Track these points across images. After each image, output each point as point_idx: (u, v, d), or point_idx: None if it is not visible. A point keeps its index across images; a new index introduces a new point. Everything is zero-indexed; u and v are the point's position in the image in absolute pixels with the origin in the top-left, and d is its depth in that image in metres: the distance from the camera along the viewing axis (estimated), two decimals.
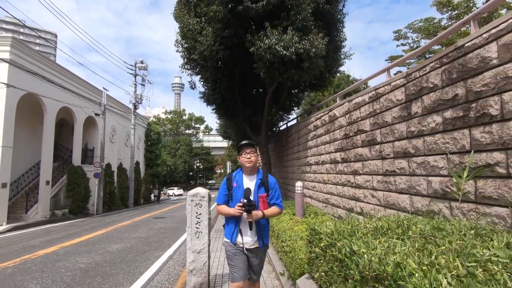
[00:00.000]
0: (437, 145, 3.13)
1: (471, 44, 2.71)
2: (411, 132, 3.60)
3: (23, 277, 5.10)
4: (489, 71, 2.52)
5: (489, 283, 1.26)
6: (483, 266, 1.44)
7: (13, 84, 12.25)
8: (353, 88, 7.13)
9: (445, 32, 3.45)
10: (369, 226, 2.56)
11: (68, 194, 16.20)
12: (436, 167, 3.16)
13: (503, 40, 2.39)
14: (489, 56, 2.52)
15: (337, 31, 9.24)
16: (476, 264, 1.46)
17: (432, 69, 3.23)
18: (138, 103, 24.53)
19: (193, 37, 8.75)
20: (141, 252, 6.90)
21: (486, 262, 1.47)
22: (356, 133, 5.22)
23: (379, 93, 4.42)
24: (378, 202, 4.41)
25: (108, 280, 4.82)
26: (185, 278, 4.45)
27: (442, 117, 3.07)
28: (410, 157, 3.63)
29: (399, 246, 1.85)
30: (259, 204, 2.46)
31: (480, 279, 1.31)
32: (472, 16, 2.92)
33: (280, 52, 7.11)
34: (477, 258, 1.53)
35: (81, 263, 5.96)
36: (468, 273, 1.39)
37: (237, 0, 7.39)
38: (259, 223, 2.48)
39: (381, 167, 4.33)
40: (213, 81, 10.02)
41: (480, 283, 1.27)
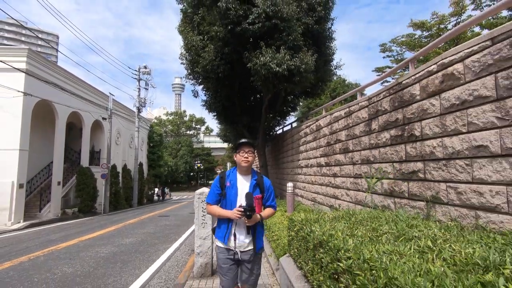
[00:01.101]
0: (387, 155, 4.11)
1: (405, 82, 3.69)
2: (371, 144, 4.58)
3: (55, 263, 6.08)
4: (414, 103, 3.50)
5: (376, 241, 2.22)
6: (380, 236, 2.40)
7: (29, 92, 13.24)
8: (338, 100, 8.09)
9: (394, 68, 4.43)
10: (330, 216, 3.53)
11: (77, 194, 17.20)
12: (386, 172, 4.14)
13: (422, 83, 3.37)
14: (415, 93, 3.49)
15: (326, 47, 10.22)
16: (378, 235, 2.42)
17: (384, 96, 4.21)
18: (142, 107, 25.54)
19: (197, 52, 9.74)
20: (151, 244, 7.86)
21: (382, 234, 2.43)
22: (335, 141, 6.20)
23: (351, 110, 5.40)
24: (350, 199, 5.39)
25: (128, 265, 5.80)
26: (191, 264, 5.45)
27: (389, 134, 4.05)
28: (371, 163, 4.61)
29: (338, 226, 2.82)
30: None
31: (374, 240, 2.28)
32: (410, 59, 3.90)
33: (274, 69, 8.10)
34: (380, 232, 2.49)
35: (101, 253, 6.93)
36: (370, 239, 2.35)
37: (236, 22, 8.38)
38: (256, 226, 2.41)
39: (352, 171, 5.30)
40: (214, 91, 11.02)
41: (372, 242, 2.24)
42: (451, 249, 1.85)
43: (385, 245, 2.01)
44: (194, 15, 9.88)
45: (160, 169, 33.48)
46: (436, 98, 3.14)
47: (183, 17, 10.79)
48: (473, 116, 2.65)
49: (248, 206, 2.24)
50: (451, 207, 2.92)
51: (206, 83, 10.91)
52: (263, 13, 7.95)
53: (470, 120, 2.68)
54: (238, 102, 11.33)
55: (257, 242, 2.42)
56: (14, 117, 12.87)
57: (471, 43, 2.68)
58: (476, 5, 11.12)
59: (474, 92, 2.63)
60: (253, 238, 2.39)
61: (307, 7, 8.66)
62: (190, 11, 9.99)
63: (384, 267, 1.59)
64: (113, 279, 4.92)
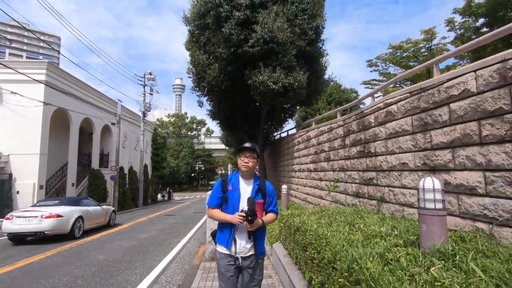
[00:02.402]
0: (355, 165, 5.37)
1: (366, 112, 4.95)
2: (345, 156, 5.83)
3: (89, 252, 7.34)
4: (371, 128, 4.76)
5: (330, 226, 3.45)
6: (335, 222, 3.64)
7: (48, 101, 14.50)
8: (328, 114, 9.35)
9: (360, 98, 5.70)
10: (310, 211, 4.78)
11: (89, 194, 18.45)
12: (355, 178, 5.39)
13: (375, 114, 4.63)
14: (371, 121, 4.76)
15: (317, 65, 11.48)
16: (334, 222, 3.67)
17: (353, 120, 5.47)
18: (147, 111, 26.81)
19: (203, 69, 11.01)
20: (164, 239, 9.11)
21: (337, 222, 3.67)
22: (321, 151, 7.46)
23: (332, 127, 6.67)
24: (331, 199, 6.66)
25: (149, 254, 7.05)
26: (202, 252, 6.70)
27: (356, 149, 5.31)
28: (345, 171, 5.87)
29: (312, 217, 4.07)
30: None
31: (329, 225, 3.53)
32: (370, 93, 5.16)
33: (271, 86, 9.37)
34: (337, 221, 3.73)
35: (123, 245, 8.18)
36: (328, 224, 3.60)
37: (237, 45, 9.64)
38: (257, 231, 2.37)
39: (332, 176, 6.56)
40: (218, 102, 12.29)
41: (327, 226, 3.47)
42: (371, 229, 3.10)
43: (333, 227, 3.27)
44: (201, 36, 11.15)
45: (163, 170, 34.75)
46: (383, 126, 4.40)
47: (190, 37, 12.06)
48: (401, 142, 3.91)
49: (250, 211, 2.21)
50: (390, 204, 4.18)
51: (210, 95, 12.18)
52: (261, 38, 9.21)
53: (399, 145, 3.94)
54: (239, 112, 12.59)
55: (258, 247, 2.37)
56: (35, 124, 14.14)
57: (400, 93, 3.95)
58: (451, 27, 12.41)
59: (402, 126, 3.89)
60: (255, 243, 2.35)
61: (300, 32, 9.91)
62: (197, 32, 11.26)
63: (327, 238, 2.84)
64: (140, 263, 6.18)
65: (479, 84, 2.67)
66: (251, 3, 9.37)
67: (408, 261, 2.02)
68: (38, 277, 5.35)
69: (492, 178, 2.55)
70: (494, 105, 2.51)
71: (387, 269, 1.89)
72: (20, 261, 6.47)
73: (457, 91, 2.93)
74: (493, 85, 2.52)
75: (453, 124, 2.96)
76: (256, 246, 2.36)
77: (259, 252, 2.39)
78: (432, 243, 2.22)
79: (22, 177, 13.66)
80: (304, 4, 9.94)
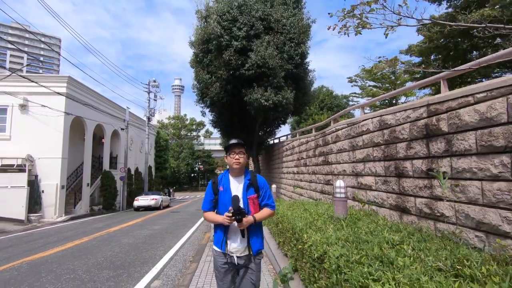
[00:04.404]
0: (320, 170, 7.35)
1: (327, 132, 6.93)
2: (316, 163, 7.82)
3: (117, 238, 9.29)
4: (329, 145, 6.74)
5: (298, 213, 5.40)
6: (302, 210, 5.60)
7: (67, 111, 16.42)
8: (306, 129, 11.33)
9: (329, 119, 7.70)
10: (287, 203, 6.74)
11: (101, 194, 20.41)
12: (320, 180, 7.37)
13: (331, 135, 6.60)
14: (329, 139, 6.74)
15: (303, 83, 13.49)
16: (302, 210, 5.63)
17: (320, 137, 7.46)
18: (151, 116, 28.76)
19: (206, 86, 13.00)
20: (174, 229, 11.04)
21: (303, 210, 5.63)
22: (301, 158, 9.45)
23: (308, 140, 8.66)
24: (308, 196, 8.64)
25: (165, 239, 9.00)
26: (208, 236, 8.63)
27: (321, 159, 7.29)
28: (316, 174, 7.85)
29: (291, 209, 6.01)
30: (249, 206, 2.28)
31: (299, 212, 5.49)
32: (332, 118, 7.14)
33: (263, 103, 11.35)
34: (304, 209, 5.69)
35: (143, 233, 10.13)
36: (299, 212, 5.56)
37: (235, 68, 11.63)
38: (250, 227, 2.27)
39: (309, 178, 8.54)
40: (219, 114, 14.29)
41: (298, 214, 5.42)
42: (316, 211, 5.06)
43: (294, 211, 5.24)
44: (204, 58, 13.13)
45: (166, 171, 36.68)
46: (335, 144, 6.38)
47: (194, 57, 14.03)
48: (343, 156, 5.89)
49: (236, 209, 2.15)
50: None
51: (212, 108, 14.17)
52: (255, 63, 11.20)
53: (342, 158, 5.92)
54: (237, 122, 14.59)
55: (252, 245, 2.30)
56: (57, 132, 16.07)
57: (343, 123, 5.94)
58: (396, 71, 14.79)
59: (343, 145, 5.88)
60: (248, 241, 2.29)
61: (287, 57, 11.91)
62: (201, 55, 13.24)
63: (287, 217, 4.80)
64: (160, 245, 8.14)
65: (372, 126, 4.66)
66: (247, 35, 11.35)
67: (322, 223, 3.99)
68: (87, 253, 7.31)
69: (377, 180, 4.54)
70: (378, 139, 4.50)
71: (308, 226, 3.86)
72: (68, 243, 8.44)
73: (365, 128, 4.92)
74: (376, 128, 4.51)
75: (363, 148, 4.96)
76: (249, 244, 2.28)
77: (254, 249, 2.30)
78: (337, 215, 4.20)
79: (46, 178, 15.56)
80: (291, 34, 11.93)
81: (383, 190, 4.38)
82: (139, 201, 19.53)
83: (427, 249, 2.53)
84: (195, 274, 4.92)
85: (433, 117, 3.25)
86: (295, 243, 3.85)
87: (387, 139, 4.23)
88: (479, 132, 2.63)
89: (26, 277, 5.30)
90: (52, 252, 7.32)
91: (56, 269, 5.74)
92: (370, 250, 2.50)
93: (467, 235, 2.78)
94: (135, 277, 5.17)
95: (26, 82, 15.34)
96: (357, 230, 3.38)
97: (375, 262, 2.24)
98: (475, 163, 2.68)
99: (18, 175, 14.50)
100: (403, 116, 3.84)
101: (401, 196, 3.89)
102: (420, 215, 3.50)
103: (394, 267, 2.13)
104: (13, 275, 5.41)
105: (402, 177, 3.86)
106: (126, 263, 6.15)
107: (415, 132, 3.57)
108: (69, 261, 6.39)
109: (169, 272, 5.53)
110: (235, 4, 11.45)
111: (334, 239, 2.96)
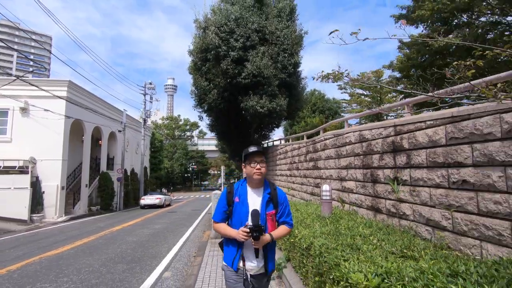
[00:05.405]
0: (310, 174, 8.17)
1: (316, 140, 7.74)
2: (307, 167, 8.64)
3: (122, 236, 9.93)
4: (318, 152, 7.56)
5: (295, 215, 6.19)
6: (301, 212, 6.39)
7: (67, 114, 16.89)
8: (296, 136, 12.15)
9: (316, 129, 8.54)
10: None
11: (99, 194, 20.88)
12: (310, 183, 8.19)
13: (320, 143, 7.42)
14: (318, 147, 7.56)
15: (296, 90, 14.33)
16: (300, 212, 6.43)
17: (310, 144, 8.27)
18: (147, 118, 29.25)
19: (204, 92, 13.70)
20: (174, 229, 11.71)
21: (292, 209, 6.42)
22: (293, 162, 10.26)
23: (300, 146, 9.48)
24: (300, 197, 9.45)
25: (168, 237, 9.69)
26: (207, 234, 9.35)
27: (311, 164, 8.11)
28: (307, 177, 8.67)
29: None
30: (266, 223, 2.06)
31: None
32: (321, 127, 7.97)
33: (259, 110, 12.12)
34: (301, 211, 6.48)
35: (145, 232, 10.79)
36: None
37: (232, 77, 12.37)
38: (267, 245, 2.05)
39: (300, 181, 9.36)
40: (216, 118, 15.02)
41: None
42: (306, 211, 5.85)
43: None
44: (202, 66, 13.84)
45: (160, 171, 37.14)
46: (323, 151, 7.20)
47: (193, 64, 14.73)
48: (330, 163, 6.71)
49: (255, 226, 1.93)
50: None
51: (209, 113, 14.90)
52: (251, 73, 11.97)
53: (329, 164, 6.74)
54: (233, 127, 15.34)
55: (269, 265, 2.10)
56: (57, 134, 16.53)
57: (330, 134, 6.76)
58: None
59: (330, 153, 6.70)
60: (265, 261, 2.08)
61: (281, 67, 12.72)
62: (199, 63, 13.94)
63: None
64: (163, 242, 8.83)
65: (354, 139, 5.49)
66: (243, 46, 12.12)
67: (310, 221, 4.78)
68: (97, 250, 7.96)
69: (358, 185, 5.36)
70: (358, 150, 5.33)
71: (299, 223, 4.65)
72: (77, 242, 9.07)
73: (348, 140, 5.74)
74: (357, 140, 5.34)
75: (346, 157, 5.78)
76: (266, 264, 2.09)
77: (269, 269, 2.12)
78: (324, 214, 5.01)
79: (47, 179, 16.01)
80: (285, 45, 12.74)
81: (362, 193, 5.20)
82: (146, 200, 21.89)
83: (388, 240, 3.33)
84: (201, 266, 5.66)
85: (398, 135, 4.08)
86: (287, 237, 4.63)
87: (365, 150, 5.05)
88: (428, 151, 3.46)
89: (50, 269, 5.97)
90: (64, 250, 7.95)
91: (74, 264, 6.41)
92: (345, 241, 3.30)
93: (420, 229, 3.61)
94: (147, 269, 5.89)
95: (27, 86, 15.73)
96: (338, 226, 4.18)
97: (347, 248, 3.03)
98: (425, 174, 3.51)
99: (20, 177, 14.95)
100: (377, 132, 4.66)
101: (375, 199, 4.71)
102: (388, 214, 4.33)
103: (360, 252, 2.93)
104: (38, 268, 6.07)
105: (376, 182, 4.69)
106: (136, 258, 6.84)
107: (385, 147, 4.40)
108: (83, 257, 7.06)
109: (177, 265, 6.26)
110: (232, 17, 12.20)
111: (319, 233, 3.76)
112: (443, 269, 1.85)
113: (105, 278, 5.39)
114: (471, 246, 2.91)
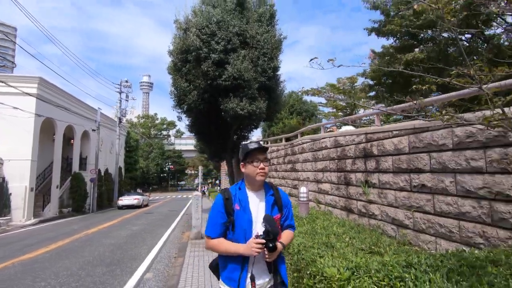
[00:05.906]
0: (288, 176, 8.53)
1: (294, 144, 8.11)
2: (285, 169, 9.00)
3: (98, 239, 9.77)
4: (296, 155, 7.92)
5: None
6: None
7: (38, 112, 16.15)
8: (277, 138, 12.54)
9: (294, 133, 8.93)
10: None
11: (71, 196, 20.10)
12: (288, 184, 8.54)
13: (298, 147, 7.79)
14: (296, 150, 7.93)
15: (275, 93, 14.68)
16: None
17: (289, 147, 8.63)
18: (122, 116, 28.47)
19: (184, 93, 13.68)
20: (152, 230, 11.66)
21: None
22: (273, 164, 10.59)
23: (279, 148, 9.83)
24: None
25: (146, 239, 9.66)
26: (187, 235, 9.43)
27: (289, 166, 8.47)
28: (285, 179, 9.02)
29: None
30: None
31: None
32: (299, 131, 8.35)
33: (239, 112, 12.32)
34: None
35: (122, 234, 10.66)
36: None
37: (213, 79, 12.48)
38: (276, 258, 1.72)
39: (279, 182, 9.70)
40: (195, 119, 15.02)
41: None
42: None
43: None
44: (183, 67, 13.81)
45: (136, 172, 36.22)
46: (301, 155, 7.57)
47: (172, 65, 14.64)
48: (307, 166, 7.09)
49: (273, 233, 1.58)
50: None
51: (189, 113, 14.88)
52: (231, 75, 12.15)
53: (307, 167, 7.12)
54: (213, 128, 15.41)
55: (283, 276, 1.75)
56: (27, 133, 15.76)
57: (307, 138, 7.14)
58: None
59: (307, 157, 7.08)
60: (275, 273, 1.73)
61: (261, 70, 13.00)
62: (179, 64, 13.89)
63: None
64: (142, 243, 8.82)
65: (329, 144, 5.89)
66: (224, 49, 12.27)
67: None
68: (74, 253, 7.81)
69: (333, 187, 5.76)
70: (333, 154, 5.73)
71: None
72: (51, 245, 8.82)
73: (324, 144, 6.14)
74: (332, 146, 5.74)
75: (322, 160, 6.17)
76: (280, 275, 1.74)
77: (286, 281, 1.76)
78: (301, 214, 5.34)
79: (14, 180, 15.21)
80: (265, 49, 13.05)
81: (336, 194, 5.60)
82: (124, 201, 21.69)
83: (358, 238, 3.70)
84: (183, 267, 5.80)
85: (369, 142, 4.49)
86: None
87: (340, 155, 5.45)
88: (394, 157, 3.88)
89: (25, 274, 5.84)
90: (38, 254, 7.72)
91: (50, 267, 6.29)
92: (321, 239, 3.63)
93: (387, 228, 4.02)
94: (128, 271, 5.92)
95: None
96: (315, 226, 4.51)
97: (322, 246, 3.35)
98: (392, 178, 3.93)
99: None
100: (350, 139, 5.06)
101: (348, 200, 5.12)
102: (360, 214, 4.74)
103: (334, 249, 3.26)
104: (11, 273, 5.91)
105: (349, 185, 5.09)
106: (115, 261, 6.83)
107: (357, 152, 4.81)
108: (59, 260, 6.92)
109: (158, 266, 6.35)
110: (214, 19, 12.31)
111: (297, 233, 4.06)
112: (401, 261, 2.19)
113: (85, 281, 5.38)
114: (428, 242, 3.34)
